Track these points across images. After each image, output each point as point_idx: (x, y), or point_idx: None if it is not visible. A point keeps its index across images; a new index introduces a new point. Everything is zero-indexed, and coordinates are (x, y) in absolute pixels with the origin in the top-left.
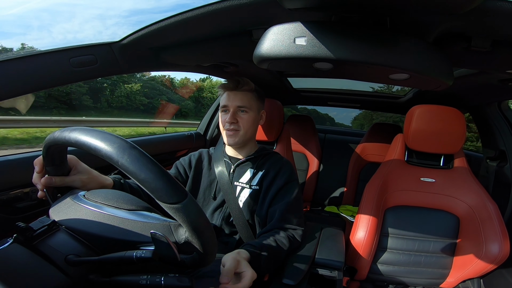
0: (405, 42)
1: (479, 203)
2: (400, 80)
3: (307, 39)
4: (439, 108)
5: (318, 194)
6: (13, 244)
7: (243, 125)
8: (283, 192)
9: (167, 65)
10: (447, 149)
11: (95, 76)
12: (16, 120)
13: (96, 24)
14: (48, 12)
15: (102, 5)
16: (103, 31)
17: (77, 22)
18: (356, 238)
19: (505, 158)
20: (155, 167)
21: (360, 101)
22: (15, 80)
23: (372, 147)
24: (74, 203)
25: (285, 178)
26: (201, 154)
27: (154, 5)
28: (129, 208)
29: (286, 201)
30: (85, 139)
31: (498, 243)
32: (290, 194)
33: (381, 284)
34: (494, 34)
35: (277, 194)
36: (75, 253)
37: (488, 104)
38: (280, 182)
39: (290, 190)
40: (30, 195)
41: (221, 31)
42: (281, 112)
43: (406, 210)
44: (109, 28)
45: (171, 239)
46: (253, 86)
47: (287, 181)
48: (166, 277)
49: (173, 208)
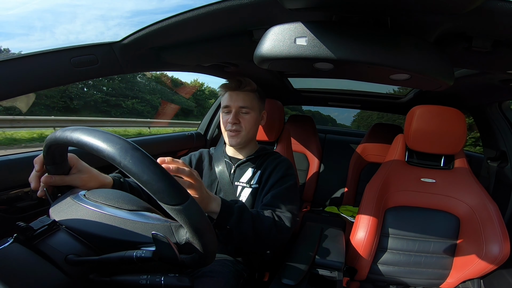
0: (406, 42)
1: (479, 203)
2: (400, 80)
3: (307, 39)
4: (439, 108)
5: (319, 195)
6: (13, 244)
7: (245, 125)
8: (278, 185)
9: (168, 65)
10: (447, 149)
11: (95, 76)
12: (16, 120)
13: (98, 25)
14: (50, 13)
15: (104, 6)
16: (105, 31)
17: (79, 23)
18: (356, 238)
19: (506, 159)
20: (157, 169)
21: (361, 102)
22: (16, 79)
23: (372, 148)
24: (74, 203)
25: (281, 173)
26: (202, 154)
27: (156, 6)
28: (129, 209)
29: (278, 189)
30: (87, 140)
31: (499, 243)
32: (284, 185)
33: (381, 285)
34: (495, 35)
35: (272, 187)
36: (75, 252)
37: (488, 105)
38: (276, 175)
39: (285, 182)
40: (30, 195)
41: (221, 31)
42: (282, 112)
43: (407, 211)
44: (111, 29)
45: (172, 240)
46: (255, 86)
47: (283, 175)
48: (166, 277)
49: (175, 210)
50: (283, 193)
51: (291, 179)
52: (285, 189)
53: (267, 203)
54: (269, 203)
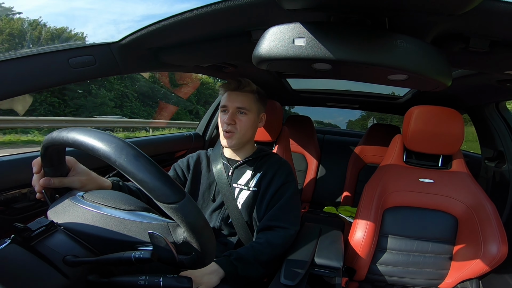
0: (404, 43)
1: (477, 203)
2: (398, 80)
3: (306, 39)
4: (437, 108)
5: (317, 195)
6: (11, 245)
7: (240, 127)
8: (280, 193)
9: (166, 65)
10: (445, 149)
11: (93, 76)
12: (13, 120)
13: (109, 28)
14: (64, 16)
15: (117, 10)
16: (115, 34)
17: (92, 26)
18: (355, 238)
19: (503, 159)
20: (152, 167)
21: (359, 102)
22: (14, 80)
23: (370, 148)
24: (72, 204)
25: (282, 179)
26: (200, 156)
27: (166, 10)
28: (127, 209)
29: (282, 201)
30: (83, 139)
31: (497, 243)
32: (286, 194)
33: (380, 285)
34: (492, 35)
35: (274, 195)
36: (73, 253)
37: (486, 105)
38: (277, 183)
39: (287, 190)
40: (28, 196)
41: (220, 31)
42: (280, 113)
43: (405, 211)
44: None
45: (169, 239)
46: (255, 87)
47: (284, 182)
48: (164, 278)
49: (171, 208)
50: (287, 204)
51: (292, 185)
52: (288, 198)
53: (271, 218)
54: (274, 218)
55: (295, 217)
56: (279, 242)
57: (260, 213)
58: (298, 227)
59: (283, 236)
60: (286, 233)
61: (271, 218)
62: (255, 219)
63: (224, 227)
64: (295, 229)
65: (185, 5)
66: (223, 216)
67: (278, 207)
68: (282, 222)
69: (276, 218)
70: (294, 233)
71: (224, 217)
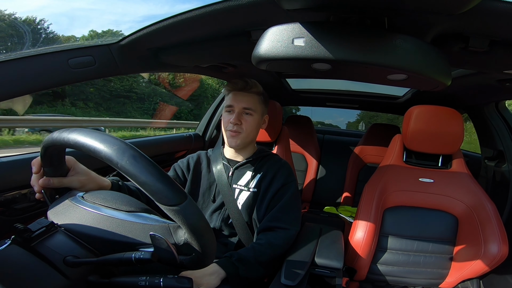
0: (403, 42)
1: (477, 203)
2: (398, 80)
3: (305, 40)
4: (437, 108)
5: (317, 195)
6: (11, 246)
7: (246, 127)
8: (280, 194)
9: (166, 66)
10: (445, 149)
11: (93, 77)
12: (13, 119)
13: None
14: (66, 17)
15: (118, 11)
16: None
17: (93, 26)
18: (355, 238)
19: (503, 158)
20: (154, 170)
21: (359, 102)
22: (13, 81)
23: (370, 148)
24: (72, 205)
25: (282, 180)
26: (200, 157)
27: (167, 11)
28: (128, 210)
29: (282, 202)
30: (84, 141)
31: (497, 243)
32: (286, 195)
33: (381, 285)
34: (491, 34)
35: (274, 196)
36: (73, 254)
37: (485, 104)
38: (277, 184)
39: (287, 191)
40: (28, 197)
41: (219, 32)
42: (280, 113)
43: (405, 211)
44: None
45: (170, 241)
46: (261, 89)
47: (285, 183)
48: (165, 278)
49: (173, 210)
50: (288, 205)
51: (292, 186)
52: (288, 199)
53: (272, 219)
54: (274, 219)
55: (296, 217)
56: (280, 243)
57: (260, 214)
58: (299, 228)
59: (284, 237)
60: (287, 233)
61: (272, 219)
62: (255, 219)
63: (225, 228)
64: (295, 230)
65: (186, 6)
66: (224, 216)
67: (279, 208)
68: (282, 223)
69: (277, 219)
70: (295, 234)
71: (225, 217)
